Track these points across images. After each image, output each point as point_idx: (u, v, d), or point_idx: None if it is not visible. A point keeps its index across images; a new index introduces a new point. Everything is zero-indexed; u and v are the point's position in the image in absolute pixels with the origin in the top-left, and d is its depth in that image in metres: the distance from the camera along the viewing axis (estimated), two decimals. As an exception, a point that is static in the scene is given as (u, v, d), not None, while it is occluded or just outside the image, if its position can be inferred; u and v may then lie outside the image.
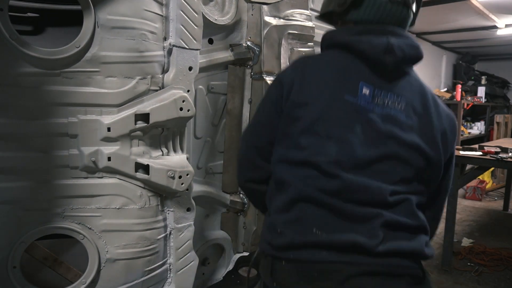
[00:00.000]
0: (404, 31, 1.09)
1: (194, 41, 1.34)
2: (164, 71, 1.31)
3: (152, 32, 1.25)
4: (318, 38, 1.23)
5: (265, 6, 1.68)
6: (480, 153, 3.32)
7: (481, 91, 7.32)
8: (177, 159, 1.34)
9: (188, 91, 1.34)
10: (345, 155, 0.99)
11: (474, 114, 7.99)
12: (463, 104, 6.40)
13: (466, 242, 3.99)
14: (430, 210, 1.18)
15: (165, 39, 1.30)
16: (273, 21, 1.68)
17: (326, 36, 1.15)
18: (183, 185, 1.31)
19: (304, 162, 1.00)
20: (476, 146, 3.57)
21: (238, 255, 1.87)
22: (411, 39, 1.09)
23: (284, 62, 1.72)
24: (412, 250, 0.99)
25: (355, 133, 1.00)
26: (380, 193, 0.99)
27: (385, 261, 0.96)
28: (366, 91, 1.03)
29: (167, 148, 1.36)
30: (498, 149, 3.29)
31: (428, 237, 1.06)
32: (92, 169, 1.21)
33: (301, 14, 1.75)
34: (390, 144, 1.01)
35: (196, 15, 1.34)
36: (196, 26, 1.34)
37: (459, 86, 6.46)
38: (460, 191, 4.77)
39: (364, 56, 1.05)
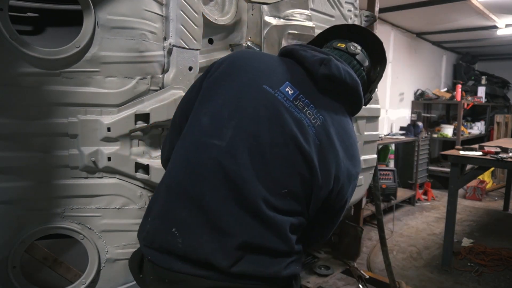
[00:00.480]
0: (350, 68, 1.08)
1: (194, 41, 1.34)
2: (164, 71, 1.31)
3: (152, 32, 1.25)
4: (318, 38, 1.23)
5: (265, 6, 1.68)
6: (480, 153, 3.33)
7: (481, 91, 7.33)
8: (177, 159, 1.34)
9: (188, 91, 1.34)
10: (238, 142, 0.93)
11: (474, 114, 8.00)
12: (463, 104, 6.40)
13: (466, 242, 3.99)
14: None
15: (165, 39, 1.30)
16: (273, 21, 1.68)
17: (281, 50, 1.16)
18: (183, 185, 1.31)
19: (197, 141, 0.97)
20: (476, 146, 3.57)
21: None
22: (353, 72, 1.07)
23: (284, 62, 1.71)
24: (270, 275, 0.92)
25: (257, 120, 0.95)
26: (255, 199, 0.91)
27: (239, 282, 0.89)
28: (289, 90, 1.00)
29: (167, 148, 1.36)
30: (498, 149, 3.30)
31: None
32: (92, 169, 1.21)
33: (301, 14, 1.75)
34: (290, 148, 0.95)
35: (196, 15, 1.34)
36: (196, 26, 1.34)
37: (459, 86, 6.47)
38: (460, 191, 4.77)
39: (302, 63, 1.05)
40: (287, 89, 1.00)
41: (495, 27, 5.65)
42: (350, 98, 1.09)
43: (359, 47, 1.15)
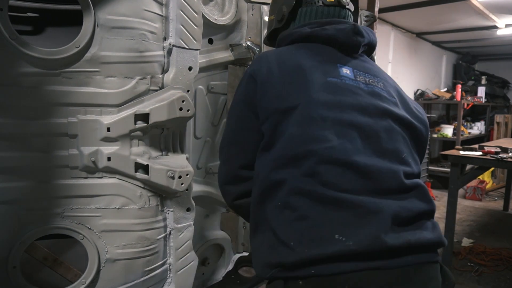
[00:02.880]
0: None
1: (194, 41, 1.34)
2: (164, 71, 1.31)
3: (152, 32, 1.25)
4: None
5: (265, 6, 1.68)
6: (480, 153, 3.32)
7: (481, 91, 7.32)
8: (177, 159, 1.34)
9: (188, 91, 1.34)
10: (345, 136, 0.91)
11: (474, 114, 7.99)
12: (463, 104, 6.40)
13: (466, 242, 3.99)
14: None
15: (165, 39, 1.30)
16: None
17: (282, 36, 1.14)
18: (183, 185, 1.31)
19: (305, 154, 0.89)
20: (476, 146, 3.57)
21: (238, 255, 1.87)
22: (366, 28, 1.12)
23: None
24: (437, 240, 0.90)
25: (350, 111, 0.94)
26: (395, 176, 0.91)
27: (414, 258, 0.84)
28: (346, 71, 1.01)
29: (167, 148, 1.36)
30: (498, 149, 3.29)
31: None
32: (92, 169, 1.21)
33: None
34: (386, 119, 0.98)
35: (196, 15, 1.34)
36: (196, 26, 1.34)
37: (459, 86, 6.46)
38: (460, 191, 4.77)
39: (332, 41, 1.05)
40: (344, 71, 1.01)
41: (495, 27, 5.65)
42: (373, 49, 1.17)
43: None
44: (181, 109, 1.29)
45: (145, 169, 1.25)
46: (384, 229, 0.82)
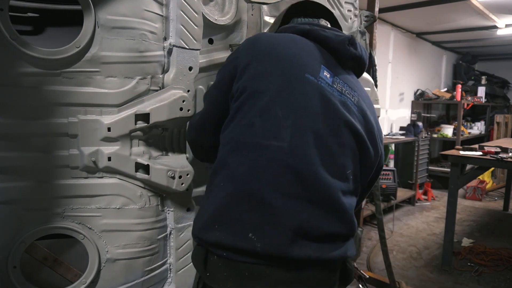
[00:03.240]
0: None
1: (194, 41, 1.34)
2: (164, 71, 1.31)
3: (152, 32, 1.25)
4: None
5: (265, 6, 1.68)
6: (480, 153, 3.33)
7: (481, 91, 7.33)
8: (177, 159, 1.34)
9: (188, 91, 1.34)
10: (299, 139, 0.94)
11: (474, 114, 8.00)
12: (463, 104, 6.40)
13: (466, 242, 4.00)
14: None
15: (165, 39, 1.30)
16: (273, 21, 1.68)
17: (286, 27, 1.16)
18: (183, 185, 1.31)
19: (255, 145, 0.94)
20: (476, 146, 3.57)
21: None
22: (363, 48, 1.15)
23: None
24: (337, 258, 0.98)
25: (313, 116, 0.96)
26: (334, 192, 0.95)
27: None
28: (327, 74, 1.02)
29: (167, 148, 1.36)
30: (498, 149, 3.30)
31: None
32: (92, 169, 1.21)
33: (301, 14, 1.74)
34: (345, 132, 0.99)
35: (196, 15, 1.34)
36: (196, 26, 1.34)
37: (459, 86, 6.47)
38: (460, 191, 4.77)
39: (327, 44, 1.06)
40: (325, 74, 1.02)
41: (495, 27, 5.65)
42: (360, 70, 1.17)
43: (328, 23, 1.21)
44: (181, 109, 1.29)
45: (146, 169, 1.26)
46: (287, 241, 0.90)
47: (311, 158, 0.93)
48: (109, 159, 1.20)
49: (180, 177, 1.30)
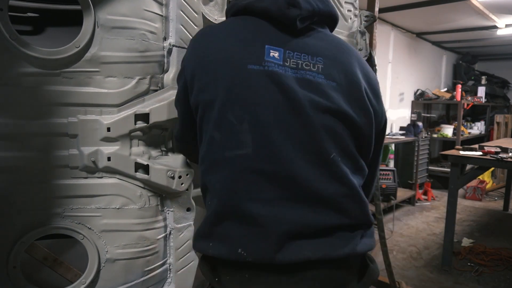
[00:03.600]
0: None
1: (194, 41, 1.34)
2: (164, 71, 1.31)
3: (152, 32, 1.25)
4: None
5: (265, 6, 1.68)
6: (480, 153, 3.33)
7: (481, 91, 7.33)
8: (177, 159, 1.34)
9: (188, 91, 1.34)
10: (262, 141, 0.87)
11: (474, 114, 8.00)
12: (463, 104, 6.40)
13: (466, 242, 4.00)
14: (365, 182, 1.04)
15: (165, 39, 1.30)
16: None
17: (228, 6, 1.04)
18: (183, 185, 1.31)
19: (222, 160, 0.90)
20: (476, 146, 3.57)
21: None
22: None
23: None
24: (345, 255, 0.92)
25: (267, 107, 0.87)
26: (320, 183, 0.88)
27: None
28: (274, 53, 0.89)
29: (167, 148, 1.36)
30: (498, 149, 3.30)
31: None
32: (92, 169, 1.21)
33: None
34: (310, 114, 0.87)
35: (196, 15, 1.34)
36: (196, 26, 1.34)
37: (459, 86, 6.47)
38: (460, 191, 4.77)
39: (267, 15, 0.92)
40: (271, 54, 0.89)
41: (495, 27, 5.65)
42: (329, 20, 1.01)
43: None
44: (181, 109, 1.29)
45: (145, 169, 1.26)
46: (278, 247, 0.87)
47: (282, 155, 0.86)
48: (109, 159, 1.20)
49: (180, 177, 1.30)
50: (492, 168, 5.81)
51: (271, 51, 0.89)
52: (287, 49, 0.91)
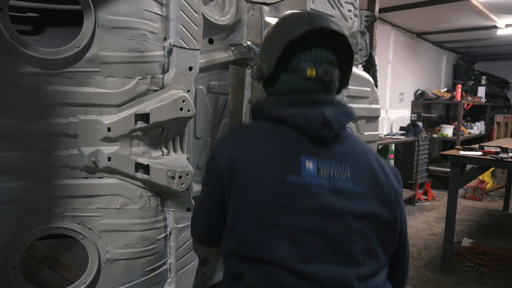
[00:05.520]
0: (333, 98, 1.06)
1: (194, 41, 1.34)
2: (164, 71, 1.31)
3: (152, 32, 1.25)
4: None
5: (265, 7, 1.68)
6: (480, 153, 3.33)
7: (481, 91, 7.33)
8: (177, 159, 1.34)
9: (188, 91, 1.34)
10: (297, 242, 0.92)
11: (474, 114, 8.00)
12: (463, 104, 6.40)
13: (466, 242, 4.00)
14: (397, 269, 1.10)
15: (165, 39, 1.30)
16: (274, 21, 1.68)
17: (258, 107, 1.10)
18: (183, 185, 1.31)
19: (258, 259, 0.94)
20: (476, 146, 3.57)
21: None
22: (342, 106, 1.04)
23: (284, 62, 1.71)
24: None
25: (305, 215, 0.93)
26: (346, 282, 0.92)
27: None
28: (309, 164, 0.96)
29: (167, 148, 1.36)
30: (498, 149, 3.30)
31: None
32: (92, 169, 1.21)
33: (301, 14, 1.74)
34: (345, 219, 0.95)
35: (196, 15, 1.34)
36: (196, 26, 1.34)
37: (459, 86, 6.47)
38: (460, 191, 4.77)
39: (303, 132, 0.99)
40: (307, 164, 0.96)
41: (495, 27, 5.66)
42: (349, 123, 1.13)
43: (330, 67, 1.03)
44: (181, 109, 1.29)
45: (146, 169, 1.25)
46: None
47: (315, 257, 0.92)
48: (109, 159, 1.20)
49: (180, 177, 1.30)
50: (492, 168, 5.81)
51: (306, 161, 0.97)
52: (320, 158, 0.98)
